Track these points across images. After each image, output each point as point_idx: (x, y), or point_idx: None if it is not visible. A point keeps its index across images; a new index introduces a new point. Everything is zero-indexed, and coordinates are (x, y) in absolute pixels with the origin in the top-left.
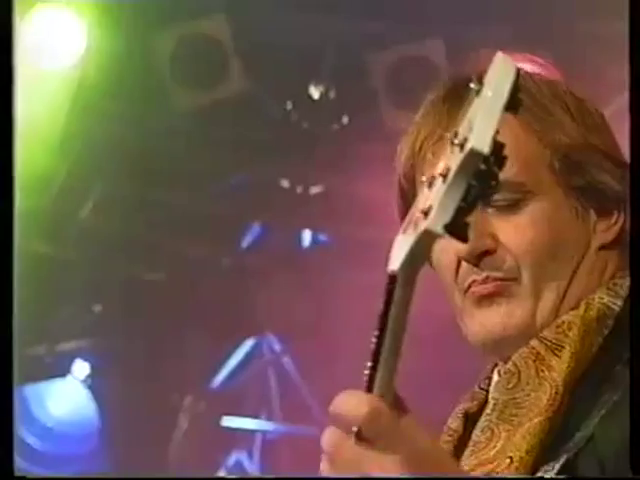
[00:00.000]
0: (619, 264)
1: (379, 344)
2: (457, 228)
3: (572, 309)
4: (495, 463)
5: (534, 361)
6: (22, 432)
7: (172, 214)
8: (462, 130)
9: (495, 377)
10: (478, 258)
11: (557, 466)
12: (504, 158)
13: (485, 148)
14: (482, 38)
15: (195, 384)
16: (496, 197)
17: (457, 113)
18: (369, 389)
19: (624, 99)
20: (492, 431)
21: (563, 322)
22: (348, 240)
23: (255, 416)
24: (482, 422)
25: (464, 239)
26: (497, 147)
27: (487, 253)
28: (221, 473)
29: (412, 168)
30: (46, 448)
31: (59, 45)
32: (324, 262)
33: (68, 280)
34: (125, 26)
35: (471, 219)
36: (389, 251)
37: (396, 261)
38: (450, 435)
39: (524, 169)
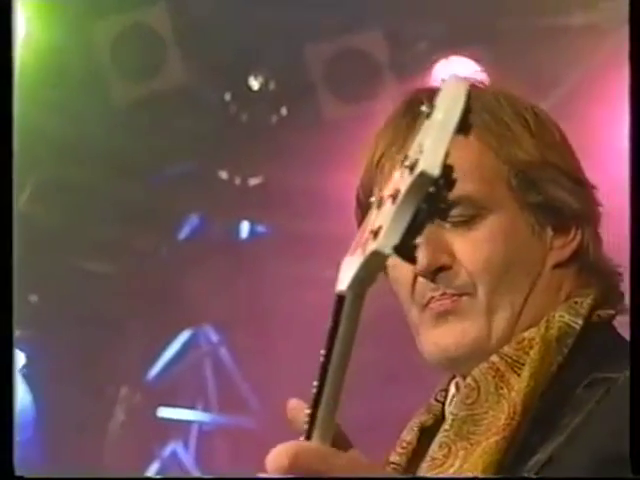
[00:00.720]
0: (576, 282)
1: (326, 364)
2: (406, 250)
3: (528, 326)
4: None
5: (493, 377)
6: None
7: (110, 204)
8: (412, 153)
9: (452, 390)
10: (434, 274)
11: None
12: (453, 181)
13: (435, 171)
14: (420, 32)
15: (131, 375)
16: (453, 213)
17: (415, 128)
18: (312, 418)
19: (561, 93)
20: (449, 448)
21: (524, 339)
22: (286, 232)
23: (191, 407)
24: (440, 437)
25: (412, 261)
26: (447, 170)
27: (443, 269)
28: (157, 464)
29: (370, 181)
30: None
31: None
32: (262, 253)
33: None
34: (65, 15)
35: (420, 240)
36: (327, 243)
37: (344, 281)
38: (403, 448)
39: (481, 185)
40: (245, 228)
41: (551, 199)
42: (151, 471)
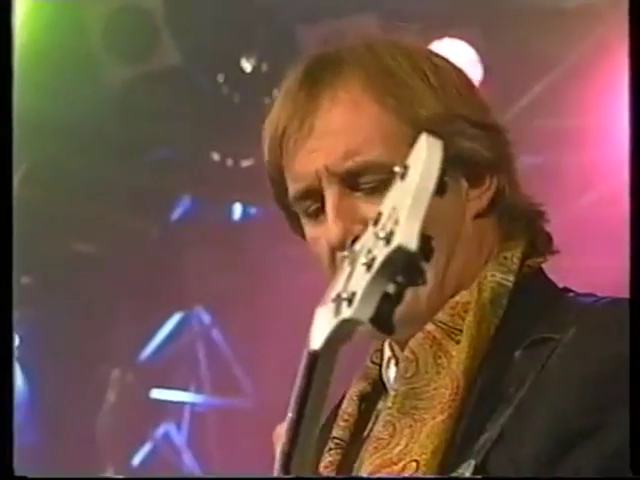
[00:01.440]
0: (498, 232)
1: (298, 422)
2: (381, 320)
3: (456, 285)
4: (400, 465)
5: (431, 346)
6: None
7: (102, 186)
8: (387, 220)
9: (387, 352)
10: (351, 246)
11: (467, 473)
12: (431, 250)
13: (412, 246)
14: (416, 13)
15: (124, 356)
16: (362, 180)
17: (314, 97)
18: (286, 467)
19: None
20: (394, 426)
21: (457, 303)
22: (278, 213)
23: (184, 388)
24: (383, 416)
25: (389, 331)
26: (424, 241)
27: (359, 239)
28: (149, 445)
29: (277, 159)
30: None
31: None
32: (254, 235)
33: None
34: None
35: (396, 310)
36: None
37: (317, 339)
38: (345, 420)
39: (385, 149)
40: (237, 210)
41: (460, 152)
42: (143, 452)
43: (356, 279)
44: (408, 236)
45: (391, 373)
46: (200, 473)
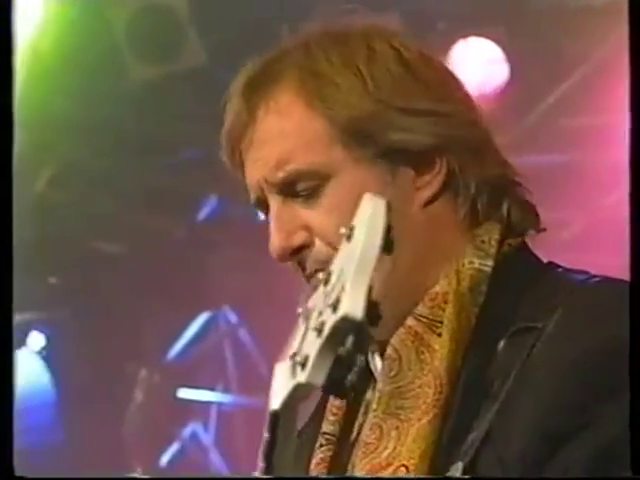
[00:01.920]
0: (460, 213)
1: (267, 472)
2: (334, 385)
3: (414, 275)
4: (390, 469)
5: (413, 342)
6: None
7: (129, 186)
8: (335, 282)
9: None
10: (295, 255)
11: (457, 475)
12: (379, 316)
13: (358, 314)
14: (439, 13)
15: (151, 356)
16: (297, 188)
17: (252, 108)
18: None
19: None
20: (380, 428)
21: (436, 294)
22: None
23: (211, 388)
24: (370, 418)
25: (343, 395)
26: (371, 308)
27: (302, 248)
28: (176, 445)
29: (235, 167)
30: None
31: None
32: None
33: (23, 252)
34: None
35: (349, 373)
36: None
37: (277, 399)
38: (334, 414)
39: (315, 154)
40: None
41: (396, 144)
42: (171, 452)
43: (308, 342)
44: (353, 305)
45: (378, 362)
46: (227, 472)
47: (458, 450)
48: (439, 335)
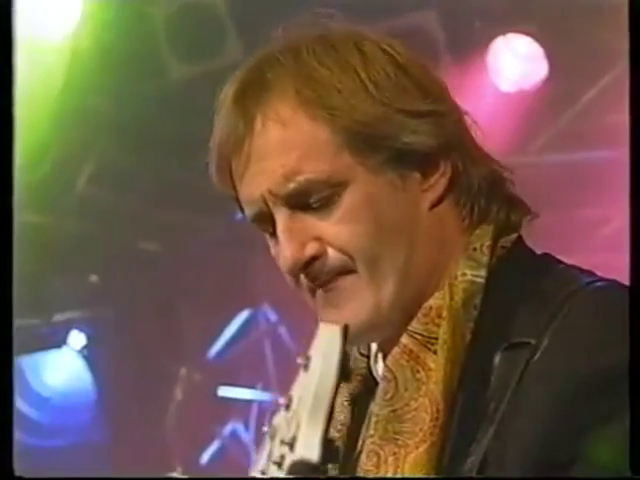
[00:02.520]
0: (461, 214)
1: None
2: None
3: (421, 281)
4: None
5: (408, 361)
6: (19, 403)
7: (168, 185)
8: (293, 415)
9: (374, 345)
10: (307, 267)
11: None
12: (337, 452)
13: (314, 457)
14: (477, 10)
15: (191, 355)
16: (309, 199)
17: (247, 120)
18: None
19: (621, 69)
20: (378, 456)
21: (430, 308)
22: None
23: (251, 386)
24: (367, 445)
25: None
26: (327, 447)
27: (316, 259)
28: (217, 443)
29: (225, 179)
30: (42, 419)
31: (54, 17)
32: None
33: (64, 250)
34: None
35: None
36: None
37: None
38: (339, 431)
39: (323, 164)
40: None
41: (401, 148)
42: (211, 450)
43: (271, 471)
44: (309, 448)
45: (379, 367)
46: None
47: (457, 474)
48: (434, 353)
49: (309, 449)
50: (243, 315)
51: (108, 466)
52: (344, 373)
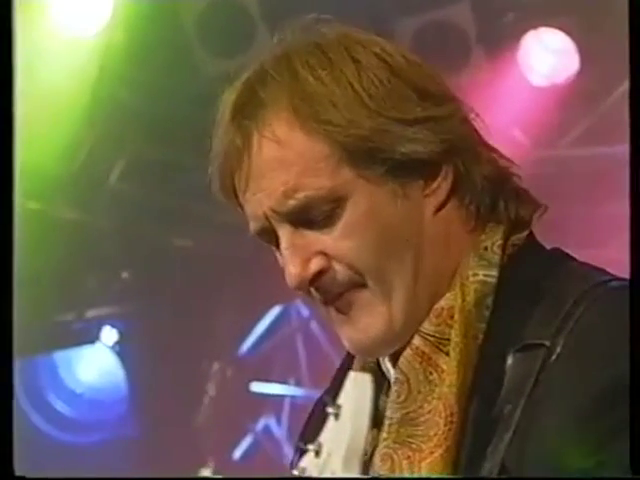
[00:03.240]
0: (468, 215)
1: None
2: None
3: (431, 289)
4: None
5: (420, 363)
6: (51, 398)
7: (200, 180)
8: (325, 463)
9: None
10: (314, 282)
11: None
12: None
13: None
14: (509, 3)
15: (224, 350)
16: (311, 215)
17: (244, 137)
18: None
19: None
20: (392, 459)
21: (442, 309)
22: None
23: (283, 382)
24: (380, 448)
25: None
26: None
27: (321, 273)
28: (249, 438)
29: (229, 193)
30: (75, 414)
31: (86, 12)
32: None
33: (96, 247)
34: None
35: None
36: None
37: None
38: None
39: (323, 179)
40: None
41: (401, 158)
42: (244, 445)
43: None
44: None
45: (387, 363)
46: None
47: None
48: (447, 354)
49: None
50: (275, 311)
51: (140, 461)
52: (375, 420)
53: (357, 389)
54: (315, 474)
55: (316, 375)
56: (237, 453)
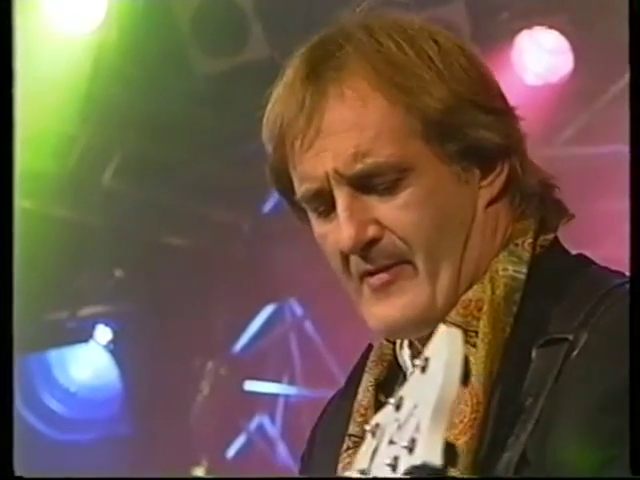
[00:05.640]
0: (512, 214)
1: None
2: None
3: (471, 278)
4: None
5: None
6: (45, 397)
7: (193, 179)
8: (408, 417)
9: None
10: (365, 249)
11: None
12: (456, 457)
13: (437, 461)
14: (503, 2)
15: (217, 349)
16: (374, 182)
17: (320, 95)
18: None
19: None
20: None
21: (470, 301)
22: None
23: (277, 380)
24: None
25: None
26: (449, 451)
27: (373, 242)
28: (243, 437)
29: (281, 155)
30: (68, 413)
31: (81, 10)
32: None
33: (90, 245)
34: None
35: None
36: None
37: None
38: (362, 415)
39: (395, 147)
40: None
41: (472, 142)
42: (238, 444)
43: (380, 471)
44: (432, 452)
45: (405, 354)
46: (294, 464)
47: (494, 470)
48: (473, 345)
49: (432, 453)
50: (269, 309)
51: (134, 460)
52: (464, 377)
53: (449, 342)
54: (394, 428)
55: (309, 374)
56: (231, 452)
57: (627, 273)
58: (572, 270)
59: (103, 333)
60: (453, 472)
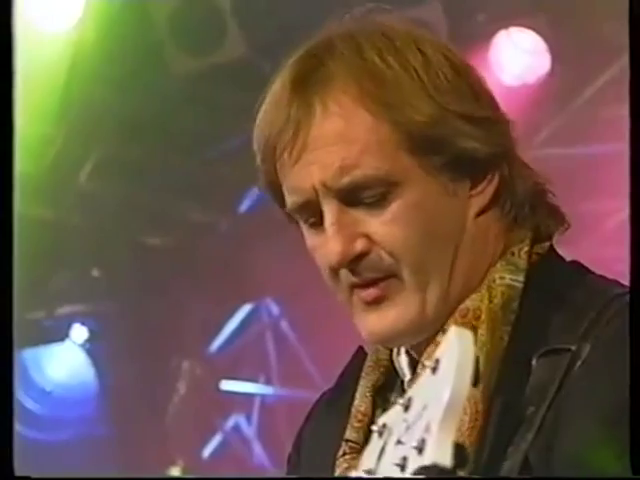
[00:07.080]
0: (504, 222)
1: None
2: None
3: (462, 288)
4: None
5: None
6: (21, 396)
7: (170, 178)
8: (417, 418)
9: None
10: (353, 263)
11: None
12: (467, 459)
13: (447, 463)
14: (480, 3)
15: (193, 348)
16: (362, 195)
17: (306, 108)
18: None
19: (623, 62)
20: None
21: (468, 310)
22: None
23: (253, 380)
24: None
25: None
26: (459, 452)
27: (361, 256)
28: (219, 436)
29: (270, 167)
30: (44, 412)
31: (57, 9)
32: None
33: (66, 244)
34: None
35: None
36: None
37: None
38: (360, 421)
39: (381, 161)
40: None
41: (460, 153)
42: (213, 444)
43: (387, 470)
44: (441, 453)
45: (402, 361)
46: (270, 464)
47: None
48: None
49: (442, 454)
50: (245, 309)
51: (110, 459)
52: (475, 379)
53: (461, 343)
54: (402, 429)
55: (286, 374)
56: (206, 451)
57: (609, 277)
58: (569, 279)
59: (79, 332)
60: (461, 474)
